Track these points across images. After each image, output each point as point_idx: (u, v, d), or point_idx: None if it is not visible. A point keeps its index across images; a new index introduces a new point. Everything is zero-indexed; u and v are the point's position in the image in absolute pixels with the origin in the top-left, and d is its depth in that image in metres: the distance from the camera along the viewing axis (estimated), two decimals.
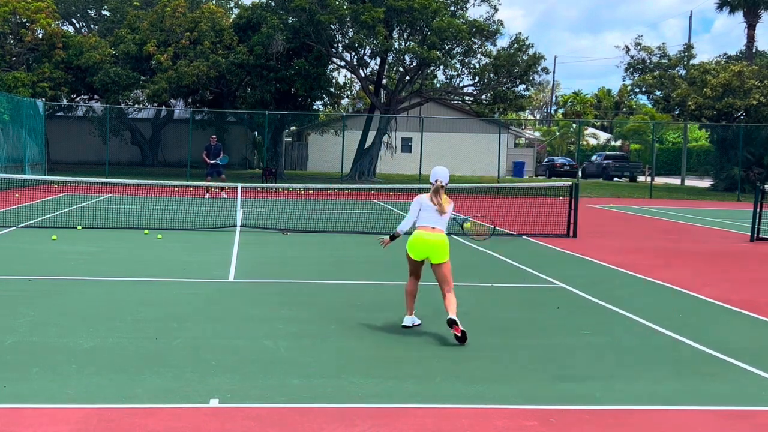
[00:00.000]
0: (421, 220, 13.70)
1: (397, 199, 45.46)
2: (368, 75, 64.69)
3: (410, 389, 10.49)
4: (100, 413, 9.22)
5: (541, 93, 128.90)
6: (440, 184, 13.62)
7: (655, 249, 26.16)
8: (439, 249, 13.33)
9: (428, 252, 13.38)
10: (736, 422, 9.76)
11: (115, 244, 23.56)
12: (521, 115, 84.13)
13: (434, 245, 13.31)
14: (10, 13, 59.22)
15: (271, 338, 12.50)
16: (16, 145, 47.69)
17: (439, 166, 14.27)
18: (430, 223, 13.50)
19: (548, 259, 23.14)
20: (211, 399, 9.80)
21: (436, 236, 13.36)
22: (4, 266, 19.10)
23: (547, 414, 9.71)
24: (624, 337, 13.69)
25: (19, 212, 31.05)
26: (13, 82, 55.85)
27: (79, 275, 18.23)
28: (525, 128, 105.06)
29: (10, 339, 12.24)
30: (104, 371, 10.78)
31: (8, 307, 14.50)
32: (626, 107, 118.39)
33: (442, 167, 14.11)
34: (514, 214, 33.20)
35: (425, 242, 13.37)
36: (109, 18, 73.59)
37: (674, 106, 67.99)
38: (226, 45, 59.93)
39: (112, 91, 60.08)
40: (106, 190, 44.40)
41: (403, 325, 13.75)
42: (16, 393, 9.81)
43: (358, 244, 25.09)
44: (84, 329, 12.97)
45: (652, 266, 22.07)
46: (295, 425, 9.07)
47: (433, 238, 13.34)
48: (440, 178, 13.70)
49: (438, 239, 13.34)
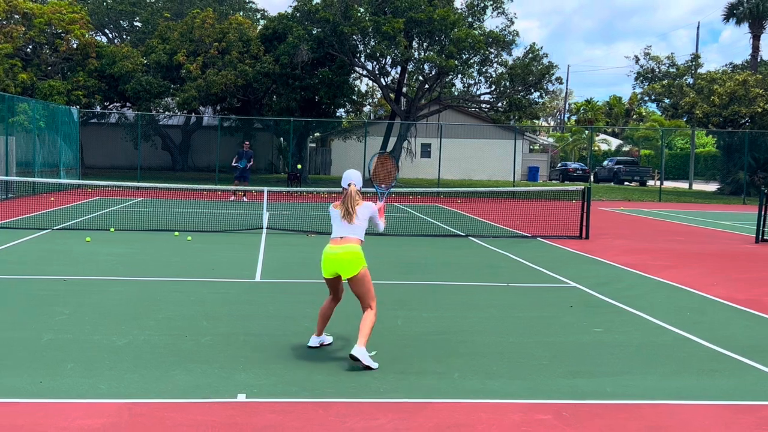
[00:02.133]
0: (333, 231, 12.06)
1: (416, 202, 45.42)
2: (389, 83, 64.67)
3: (429, 384, 10.47)
4: (131, 407, 9.22)
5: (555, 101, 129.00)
6: (353, 188, 11.99)
7: (664, 250, 26.07)
8: (345, 262, 11.66)
9: (335, 267, 11.76)
10: (741, 416, 9.72)
11: (146, 245, 23.61)
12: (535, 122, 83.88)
13: (339, 259, 11.68)
14: (46, 24, 59.43)
15: (295, 335, 12.47)
16: (52, 151, 47.83)
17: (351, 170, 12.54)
18: (339, 233, 11.90)
19: (562, 259, 23.07)
20: (239, 394, 9.80)
21: (341, 248, 11.72)
22: (40, 267, 19.14)
23: (560, 408, 9.69)
24: (634, 335, 13.63)
25: (55, 215, 31.12)
26: (48, 90, 56.01)
27: (112, 275, 18.27)
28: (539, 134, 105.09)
29: (46, 336, 12.26)
30: (136, 367, 10.79)
31: (44, 305, 14.53)
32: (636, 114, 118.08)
33: (353, 170, 12.45)
34: (529, 217, 33.30)
35: (330, 258, 11.76)
36: (141, 29, 73.75)
37: (682, 113, 68.01)
38: (253, 55, 59.99)
39: (144, 98, 60.27)
40: (137, 194, 44.54)
41: (309, 345, 12.09)
42: (52, 388, 9.82)
43: (381, 245, 25.06)
44: (116, 327, 12.99)
45: (661, 266, 22.02)
46: (319, 419, 9.06)
47: (337, 251, 11.71)
48: (352, 180, 12.08)
49: (343, 251, 11.69)
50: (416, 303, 15.93)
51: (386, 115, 78.22)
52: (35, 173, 43.91)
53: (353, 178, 12.10)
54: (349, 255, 11.67)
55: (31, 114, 45.05)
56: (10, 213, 30.84)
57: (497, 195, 49.76)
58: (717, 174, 73.95)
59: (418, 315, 14.69)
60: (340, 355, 11.73)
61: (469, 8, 61.35)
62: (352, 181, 12.04)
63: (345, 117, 74.11)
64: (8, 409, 9.07)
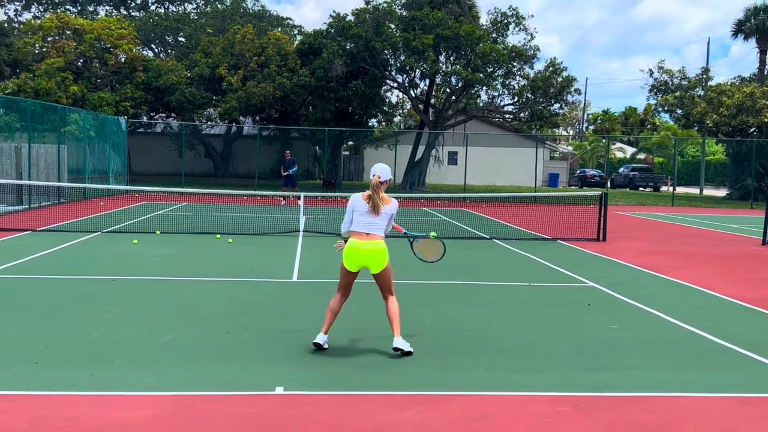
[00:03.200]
0: (355, 224, 11.80)
1: (444, 206, 45.38)
2: (418, 95, 64.72)
3: (455, 378, 10.49)
4: (176, 400, 9.27)
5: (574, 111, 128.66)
6: (378, 179, 11.69)
7: (677, 252, 25.97)
8: (376, 257, 11.62)
9: (364, 262, 11.64)
10: (749, 408, 9.74)
11: (190, 247, 23.67)
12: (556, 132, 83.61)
13: (370, 254, 11.59)
14: (96, 40, 59.78)
15: (331, 332, 12.49)
16: (101, 158, 48.01)
17: (380, 163, 12.20)
18: (364, 229, 11.68)
19: (580, 260, 23.01)
20: (277, 387, 9.83)
21: (371, 244, 11.60)
22: (90, 267, 19.21)
23: (579, 400, 9.69)
24: (648, 331, 13.61)
25: (104, 219, 31.21)
26: (98, 102, 56.33)
27: (157, 275, 18.34)
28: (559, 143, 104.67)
29: (96, 333, 12.32)
30: (180, 362, 10.85)
31: (94, 304, 14.60)
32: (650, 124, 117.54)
33: (382, 164, 12.13)
34: (549, 220, 33.20)
35: (359, 252, 11.59)
36: (185, 44, 73.96)
37: (693, 123, 68.08)
38: (291, 68, 60.08)
39: (188, 109, 60.50)
40: (182, 199, 44.64)
41: (316, 342, 11.64)
42: (101, 381, 9.87)
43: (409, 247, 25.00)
44: (162, 324, 13.06)
45: (674, 267, 21.95)
46: (351, 411, 9.09)
47: (367, 246, 11.58)
48: (378, 173, 11.77)
49: (374, 247, 11.60)
50: (444, 302, 15.96)
51: (415, 124, 78.21)
52: (86, 179, 44.03)
53: (378, 170, 11.81)
54: (379, 252, 11.62)
55: (82, 124, 45.22)
56: (63, 217, 30.99)
57: (520, 200, 49.60)
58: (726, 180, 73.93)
59: (446, 313, 14.70)
60: (371, 349, 11.77)
61: (493, 24, 61.36)
62: (377, 173, 11.76)
63: (377, 127, 74.12)
64: (60, 401, 9.12)
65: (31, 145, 37.22)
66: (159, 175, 69.09)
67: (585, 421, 9.00)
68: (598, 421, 8.99)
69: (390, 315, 11.76)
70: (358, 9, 59.08)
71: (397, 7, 60.35)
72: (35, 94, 54.02)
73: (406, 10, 60.35)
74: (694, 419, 9.22)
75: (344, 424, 8.66)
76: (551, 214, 36.51)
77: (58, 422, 8.46)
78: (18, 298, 15.25)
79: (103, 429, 8.31)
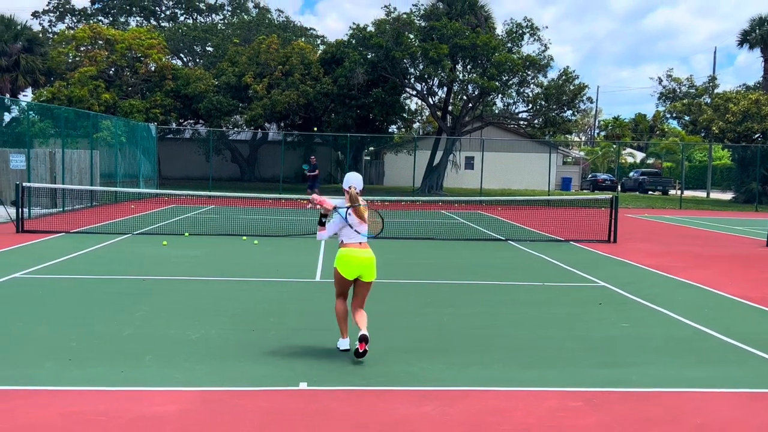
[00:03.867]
0: (347, 235, 11.57)
1: (461, 209, 45.36)
2: (436, 102, 64.82)
3: (472, 374, 10.48)
4: (203, 395, 9.29)
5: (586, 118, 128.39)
6: (355, 191, 11.52)
7: (684, 253, 25.90)
8: (371, 267, 11.45)
9: (361, 270, 11.36)
10: (753, 403, 9.73)
11: (217, 248, 23.69)
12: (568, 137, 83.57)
13: (367, 263, 11.38)
14: (127, 49, 60.03)
15: (352, 330, 12.48)
16: (132, 163, 48.13)
17: (352, 172, 11.95)
18: (357, 239, 11.47)
19: (591, 261, 22.97)
20: (301, 382, 9.85)
21: (368, 253, 11.43)
22: (121, 268, 19.25)
23: (591, 396, 9.69)
24: (657, 329, 13.58)
25: (135, 221, 31.31)
26: (129, 109, 56.55)
27: (186, 275, 18.39)
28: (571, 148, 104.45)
29: (127, 331, 12.36)
30: (207, 358, 10.88)
31: (125, 303, 14.65)
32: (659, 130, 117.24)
33: (355, 174, 11.90)
34: (562, 223, 33.18)
35: (358, 260, 11.32)
36: (212, 53, 74.22)
37: (700, 129, 67.89)
38: (314, 77, 60.21)
39: (215, 116, 60.71)
40: (209, 202, 44.70)
41: (342, 348, 11.44)
42: (132, 377, 9.91)
43: (429, 248, 25.03)
44: (190, 322, 13.08)
45: (681, 268, 21.90)
46: (372, 405, 9.10)
47: (365, 255, 11.39)
48: (354, 184, 11.58)
49: (370, 257, 11.43)
50: (461, 300, 15.93)
51: (434, 130, 78.18)
52: (117, 183, 44.17)
53: (353, 181, 11.61)
54: (373, 262, 11.51)
55: (114, 130, 45.35)
56: (95, 219, 31.08)
57: (534, 203, 49.62)
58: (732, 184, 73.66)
59: (463, 311, 14.68)
60: (391, 346, 11.75)
61: (508, 35, 61.45)
62: (353, 184, 11.57)
63: (396, 133, 74.10)
64: (93, 396, 9.16)
65: (65, 150, 37.36)
66: (187, 179, 69.22)
67: (597, 415, 9.00)
68: (609, 415, 8.99)
69: (361, 319, 11.28)
70: (378, 20, 59.40)
71: (416, 17, 60.56)
72: (69, 102, 54.25)
73: (424, 21, 60.55)
74: (701, 413, 9.23)
75: (366, 418, 8.68)
76: (564, 217, 36.47)
77: (90, 417, 8.49)
78: (52, 296, 15.33)
79: (133, 423, 8.34)
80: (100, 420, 8.40)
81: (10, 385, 9.53)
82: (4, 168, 36.09)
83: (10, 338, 11.79)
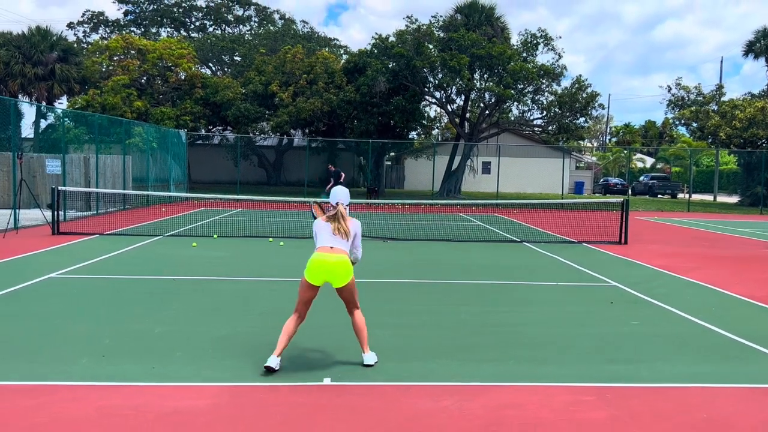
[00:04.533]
0: (319, 241, 10.68)
1: (478, 212, 45.34)
2: (454, 110, 64.75)
3: (488, 370, 10.50)
4: (231, 390, 9.35)
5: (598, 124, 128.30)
6: (342, 208, 10.81)
7: (692, 254, 25.84)
8: (339, 270, 10.47)
9: (328, 275, 10.46)
10: (759, 397, 9.75)
11: (244, 250, 23.74)
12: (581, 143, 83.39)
13: (334, 266, 10.43)
14: (158, 59, 60.21)
15: (376, 327, 12.49)
16: (163, 168, 48.30)
17: (339, 187, 11.20)
18: (328, 243, 10.56)
19: (603, 262, 22.94)
20: (325, 378, 9.91)
21: (335, 257, 10.45)
22: (152, 268, 19.33)
23: (602, 390, 9.72)
24: (666, 327, 13.58)
25: (166, 223, 31.40)
26: (160, 116, 56.72)
27: (214, 276, 18.43)
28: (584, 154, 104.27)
29: (158, 328, 12.42)
30: (235, 355, 10.94)
31: (156, 302, 14.73)
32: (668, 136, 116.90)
33: (342, 189, 11.14)
34: (575, 225, 33.14)
35: (325, 264, 10.40)
36: (240, 62, 74.34)
37: (708, 135, 67.97)
38: (337, 85, 60.29)
39: (242, 123, 60.78)
40: (237, 205, 44.79)
41: (266, 365, 10.09)
42: (163, 373, 9.97)
43: (447, 249, 25.03)
44: (218, 320, 13.15)
45: (689, 268, 21.86)
46: (394, 400, 9.13)
47: (331, 259, 10.42)
48: (341, 200, 10.90)
49: (338, 259, 10.46)
50: (478, 299, 15.93)
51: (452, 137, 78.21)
52: (148, 187, 44.29)
53: (341, 197, 10.93)
54: (342, 265, 10.49)
55: (145, 136, 45.51)
56: (128, 222, 31.17)
57: (548, 206, 49.56)
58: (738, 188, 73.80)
59: (480, 310, 14.68)
60: (411, 343, 11.78)
61: (523, 45, 61.38)
62: (341, 200, 10.88)
63: (416, 139, 74.13)
64: (125, 391, 9.22)
65: (99, 155, 37.50)
66: (216, 183, 69.38)
67: (608, 408, 9.02)
68: (620, 409, 9.01)
69: (357, 329, 10.83)
70: (399, 30, 59.41)
71: (435, 28, 60.63)
72: (102, 109, 54.44)
73: (443, 32, 60.58)
74: (708, 407, 9.25)
75: (388, 412, 8.73)
76: (577, 219, 36.42)
77: (123, 410, 8.54)
78: (86, 296, 15.41)
79: (164, 417, 8.38)
80: (133, 414, 8.45)
81: (48, 380, 9.59)
82: (40, 172, 36.26)
83: (47, 335, 11.86)
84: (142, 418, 8.32)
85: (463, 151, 63.29)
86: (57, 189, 27.18)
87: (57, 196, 27.03)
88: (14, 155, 29.26)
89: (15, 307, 14.07)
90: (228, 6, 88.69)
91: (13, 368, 10.10)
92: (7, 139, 33.20)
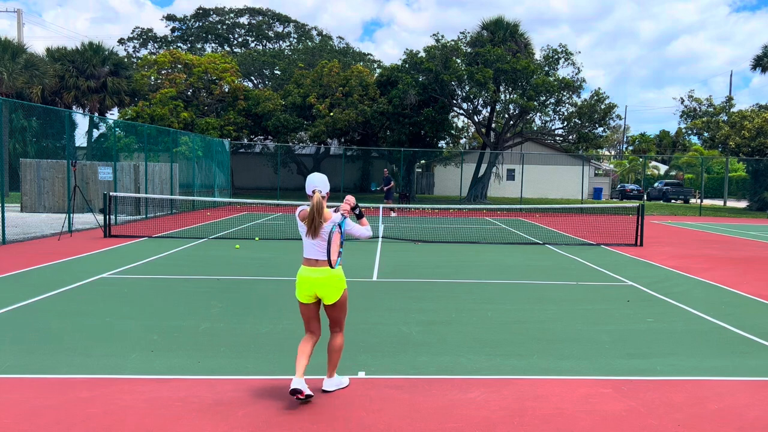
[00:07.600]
0: (305, 249, 8.85)
1: (503, 216, 45.29)
2: (481, 120, 64.78)
3: (513, 364, 10.47)
4: (272, 383, 9.39)
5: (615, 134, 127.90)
6: (318, 195, 8.69)
7: (704, 255, 25.69)
8: (326, 286, 8.70)
9: (315, 291, 8.73)
10: (767, 389, 9.69)
11: (284, 252, 23.81)
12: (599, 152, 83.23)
13: (321, 283, 8.69)
14: (203, 72, 60.53)
15: (406, 324, 12.52)
16: (208, 175, 48.50)
17: (315, 173, 9.00)
18: (312, 255, 8.71)
19: (620, 263, 22.83)
20: (359, 371, 9.92)
21: (321, 272, 8.66)
22: (198, 268, 19.42)
23: (619, 383, 9.68)
24: (679, 324, 13.49)
25: (210, 227, 31.53)
26: (205, 126, 57.01)
27: (256, 276, 18.51)
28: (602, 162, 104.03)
29: (203, 325, 12.47)
30: (275, 350, 10.97)
31: (202, 300, 14.79)
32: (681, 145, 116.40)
33: (318, 174, 8.94)
34: (594, 228, 33.11)
35: (308, 280, 8.72)
36: (280, 76, 74.59)
37: (718, 144, 67.87)
38: (371, 97, 60.45)
39: (282, 132, 61.07)
40: (277, 210, 44.89)
41: (292, 388, 8.44)
42: (208, 367, 10.02)
43: (475, 251, 24.99)
44: (260, 318, 13.19)
45: (701, 269, 21.76)
46: (424, 392, 9.12)
47: (317, 275, 8.68)
48: (317, 187, 8.80)
49: (324, 276, 8.67)
50: (503, 298, 15.90)
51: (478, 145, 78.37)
52: (194, 193, 44.51)
53: (317, 184, 8.84)
54: (331, 279, 8.71)
55: (191, 145, 45.73)
56: (174, 225, 31.34)
57: (568, 210, 49.46)
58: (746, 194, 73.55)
59: (505, 308, 14.66)
60: (440, 339, 11.75)
61: (545, 60, 61.43)
62: (317, 187, 8.80)
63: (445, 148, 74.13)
64: (173, 384, 9.29)
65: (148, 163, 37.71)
66: (258, 189, 69.74)
67: (625, 400, 8.99)
68: (636, 401, 8.98)
69: (332, 350, 9.18)
70: (429, 46, 59.60)
71: (462, 44, 60.74)
72: (151, 120, 54.82)
73: (470, 47, 60.75)
74: (718, 399, 9.21)
75: (419, 404, 8.73)
76: (595, 223, 36.38)
77: (172, 402, 8.59)
78: (136, 294, 15.49)
79: (209, 408, 8.41)
80: (180, 405, 8.49)
81: (102, 373, 9.67)
82: (93, 179, 36.51)
83: (101, 332, 11.95)
84: (188, 408, 8.35)
85: (489, 159, 63.36)
86: (108, 194, 27.35)
87: (108, 202, 27.19)
88: (69, 163, 29.51)
89: (70, 305, 14.19)
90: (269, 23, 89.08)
91: (69, 362, 10.18)
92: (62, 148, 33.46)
